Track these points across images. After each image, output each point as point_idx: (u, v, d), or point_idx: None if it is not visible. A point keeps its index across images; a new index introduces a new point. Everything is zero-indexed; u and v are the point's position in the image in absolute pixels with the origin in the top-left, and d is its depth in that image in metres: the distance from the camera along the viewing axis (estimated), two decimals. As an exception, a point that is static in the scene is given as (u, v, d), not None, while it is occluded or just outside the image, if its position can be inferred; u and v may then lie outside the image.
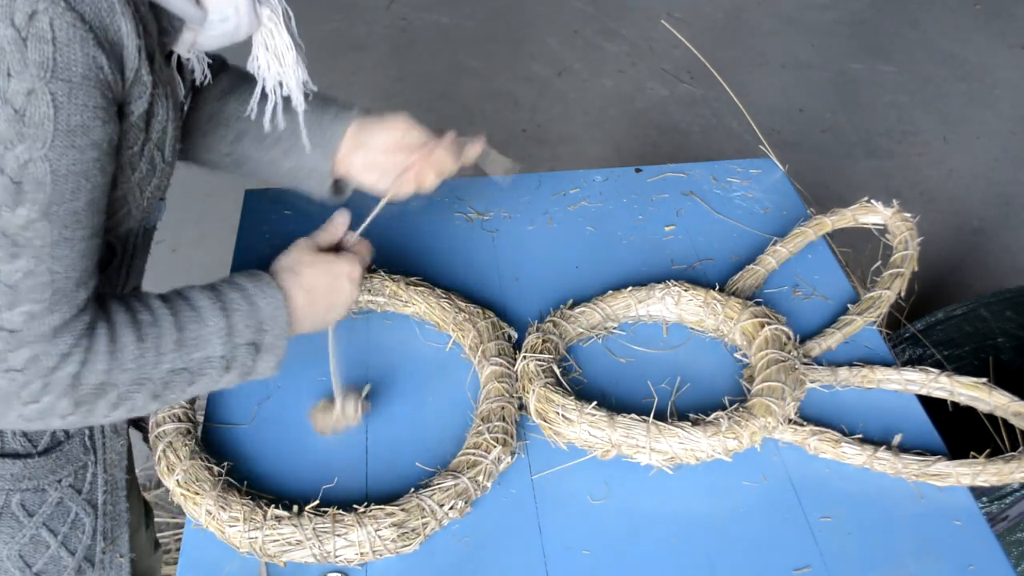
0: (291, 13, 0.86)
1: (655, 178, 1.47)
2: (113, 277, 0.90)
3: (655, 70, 3.39)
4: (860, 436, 1.06)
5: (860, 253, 1.32)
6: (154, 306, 0.79)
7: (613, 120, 3.16)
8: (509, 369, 1.08)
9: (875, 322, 1.20)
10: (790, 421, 1.05)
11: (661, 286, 1.20)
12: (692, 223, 1.38)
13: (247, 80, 0.99)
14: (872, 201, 1.31)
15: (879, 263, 1.31)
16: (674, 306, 1.19)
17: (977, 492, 1.41)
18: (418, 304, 1.18)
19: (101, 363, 0.74)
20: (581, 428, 1.00)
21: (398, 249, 1.31)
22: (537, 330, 1.13)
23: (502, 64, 3.39)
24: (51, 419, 0.74)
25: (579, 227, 1.37)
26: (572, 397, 1.03)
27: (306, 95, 0.94)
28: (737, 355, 1.17)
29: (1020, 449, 1.05)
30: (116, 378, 0.75)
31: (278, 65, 0.88)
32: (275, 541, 0.91)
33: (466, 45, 3.48)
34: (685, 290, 1.19)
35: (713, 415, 1.02)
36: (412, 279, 1.20)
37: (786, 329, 1.13)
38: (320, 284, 0.89)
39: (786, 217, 1.39)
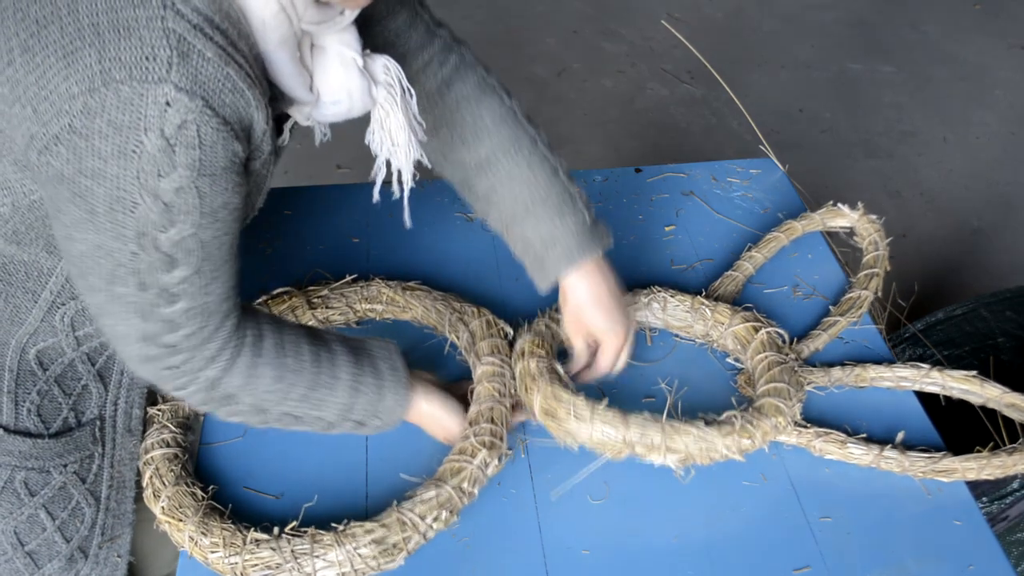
0: (412, 92, 0.87)
1: (655, 178, 1.47)
2: None
3: (655, 70, 3.39)
4: (865, 436, 1.06)
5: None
6: (303, 357, 0.88)
7: (613, 120, 3.16)
8: (502, 367, 1.05)
9: (857, 322, 1.20)
10: (795, 423, 1.05)
11: (646, 291, 1.19)
12: (692, 223, 1.38)
13: (514, 165, 1.00)
14: (839, 205, 1.33)
15: (879, 263, 1.31)
16: (660, 312, 1.19)
17: (977, 492, 1.41)
18: (415, 308, 1.17)
19: (237, 380, 0.84)
20: (594, 426, 0.97)
21: (397, 250, 1.31)
22: (530, 330, 1.10)
23: (502, 64, 3.39)
24: (190, 401, 0.86)
25: (579, 227, 1.37)
26: (582, 395, 1.00)
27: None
28: (729, 360, 1.17)
29: (1021, 440, 1.05)
30: (243, 397, 0.86)
31: (390, 143, 0.89)
32: (255, 566, 0.89)
33: (466, 45, 3.48)
34: (672, 296, 1.18)
35: (726, 414, 1.01)
36: (409, 284, 1.20)
37: (781, 331, 1.13)
38: (433, 418, 1.00)
39: (786, 217, 1.39)
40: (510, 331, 1.12)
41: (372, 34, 0.92)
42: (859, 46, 3.58)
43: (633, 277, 1.27)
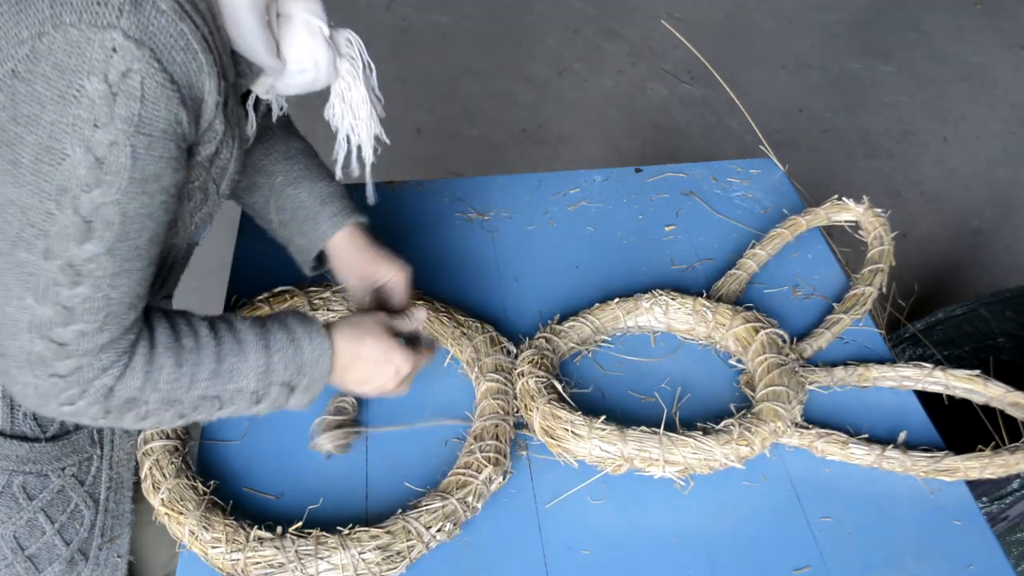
0: (373, 67, 0.87)
1: (655, 178, 1.47)
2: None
3: (655, 70, 3.39)
4: (867, 436, 1.06)
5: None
6: (200, 333, 0.82)
7: (613, 120, 3.15)
8: (505, 385, 1.06)
9: (860, 320, 1.20)
10: (796, 424, 1.05)
11: (648, 296, 1.18)
12: (692, 223, 1.38)
13: (289, 139, 1.04)
14: (843, 199, 1.32)
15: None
16: (663, 315, 1.18)
17: (977, 492, 1.41)
18: None
19: (136, 380, 0.77)
20: (592, 444, 0.98)
21: (396, 251, 1.30)
22: (531, 346, 1.10)
23: (502, 64, 3.39)
24: (83, 419, 0.78)
25: (579, 227, 1.37)
26: (579, 412, 1.01)
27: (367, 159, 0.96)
28: (731, 361, 1.17)
29: (1023, 440, 1.05)
30: (147, 396, 0.78)
31: (351, 117, 0.89)
32: (257, 563, 0.88)
33: (466, 45, 3.47)
34: (673, 299, 1.18)
35: (723, 423, 1.01)
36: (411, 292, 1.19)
37: (781, 332, 1.13)
38: (370, 359, 0.91)
39: (786, 217, 1.39)
40: (513, 349, 1.12)
41: None
42: (859, 46, 3.58)
43: (633, 277, 1.27)
